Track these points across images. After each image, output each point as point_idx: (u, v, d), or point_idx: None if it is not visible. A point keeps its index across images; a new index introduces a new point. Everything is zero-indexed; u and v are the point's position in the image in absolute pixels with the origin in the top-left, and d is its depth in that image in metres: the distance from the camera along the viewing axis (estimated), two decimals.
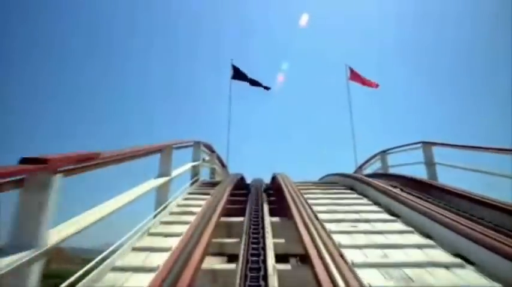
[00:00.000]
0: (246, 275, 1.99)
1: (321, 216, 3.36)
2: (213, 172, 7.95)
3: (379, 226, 3.19)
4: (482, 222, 2.97)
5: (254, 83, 11.44)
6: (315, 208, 3.66)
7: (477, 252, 2.28)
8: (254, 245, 2.50)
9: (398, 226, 3.22)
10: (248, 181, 6.66)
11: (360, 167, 10.16)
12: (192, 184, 5.56)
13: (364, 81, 11.33)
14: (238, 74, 11.45)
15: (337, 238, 2.75)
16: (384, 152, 8.27)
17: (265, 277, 1.97)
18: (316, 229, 2.71)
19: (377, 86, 11.72)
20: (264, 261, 2.20)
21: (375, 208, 3.94)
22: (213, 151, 8.10)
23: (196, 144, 5.98)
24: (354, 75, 11.40)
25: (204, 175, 7.41)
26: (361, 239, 2.81)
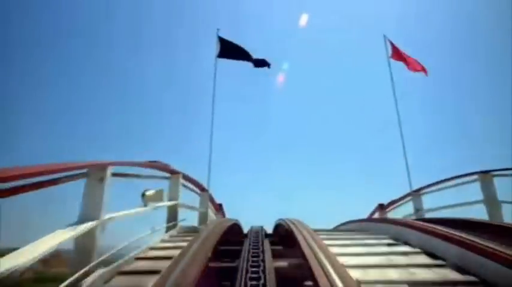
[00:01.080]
0: None
1: None
2: (172, 213, 4.28)
3: None
4: None
5: (250, 59, 7.81)
6: None
7: None
8: None
9: None
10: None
11: (418, 191, 6.49)
12: None
13: (410, 62, 7.70)
14: (227, 50, 7.83)
15: None
16: (487, 173, 4.59)
17: None
18: None
19: (421, 71, 8.08)
20: None
21: None
22: (173, 172, 4.44)
23: (93, 173, 2.28)
24: (398, 53, 7.79)
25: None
26: None
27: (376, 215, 7.68)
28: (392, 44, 7.95)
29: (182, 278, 1.77)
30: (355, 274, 2.09)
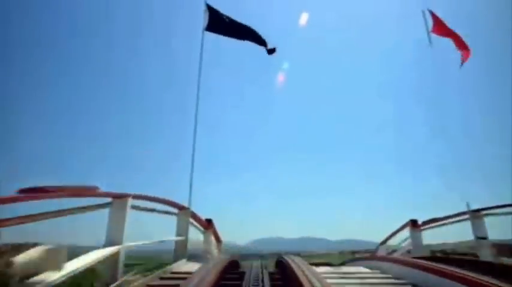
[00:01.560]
0: None
1: None
2: (111, 270, 2.59)
3: None
4: None
5: (249, 36, 6.09)
6: None
7: None
8: None
9: None
10: None
11: (477, 211, 4.90)
12: None
13: (456, 38, 6.05)
14: (217, 23, 6.11)
15: None
16: None
17: None
18: None
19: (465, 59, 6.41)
20: None
21: None
22: (116, 196, 2.75)
23: None
24: (439, 25, 6.13)
25: None
26: None
27: (407, 231, 6.18)
28: (434, 16, 6.25)
29: None
30: None
